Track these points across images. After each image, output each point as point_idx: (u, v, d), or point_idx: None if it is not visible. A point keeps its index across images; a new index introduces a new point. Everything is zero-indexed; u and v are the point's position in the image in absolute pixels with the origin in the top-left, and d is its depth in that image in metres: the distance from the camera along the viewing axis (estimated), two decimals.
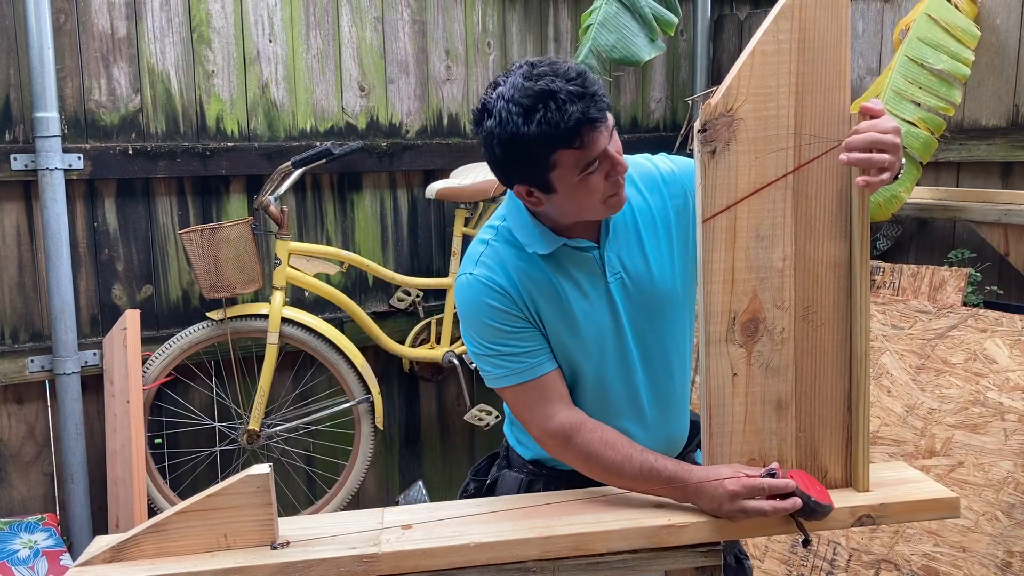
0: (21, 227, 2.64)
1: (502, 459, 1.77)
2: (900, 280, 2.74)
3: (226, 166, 2.85)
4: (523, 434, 1.68)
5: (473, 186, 2.97)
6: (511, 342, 1.50)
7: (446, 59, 3.24)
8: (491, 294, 1.49)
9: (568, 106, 1.33)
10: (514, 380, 1.50)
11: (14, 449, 2.69)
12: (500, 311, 1.49)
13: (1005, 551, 2.28)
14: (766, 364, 1.44)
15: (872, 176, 1.35)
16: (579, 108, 1.33)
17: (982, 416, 2.42)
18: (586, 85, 1.35)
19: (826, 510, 1.38)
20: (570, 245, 1.50)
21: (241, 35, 2.87)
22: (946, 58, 2.69)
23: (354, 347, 2.92)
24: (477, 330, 1.52)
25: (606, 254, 1.52)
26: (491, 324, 1.49)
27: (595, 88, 1.36)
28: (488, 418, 3.21)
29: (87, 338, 2.73)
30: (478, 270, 1.51)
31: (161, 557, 1.36)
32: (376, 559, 1.35)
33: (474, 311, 1.51)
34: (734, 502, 1.37)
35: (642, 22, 3.14)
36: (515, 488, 1.68)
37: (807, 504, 1.36)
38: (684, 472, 1.42)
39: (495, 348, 1.50)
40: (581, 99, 1.34)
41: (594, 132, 1.35)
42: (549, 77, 1.35)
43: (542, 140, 1.34)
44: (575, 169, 1.38)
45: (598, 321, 1.52)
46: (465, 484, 1.80)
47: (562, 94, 1.33)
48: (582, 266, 1.51)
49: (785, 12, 1.38)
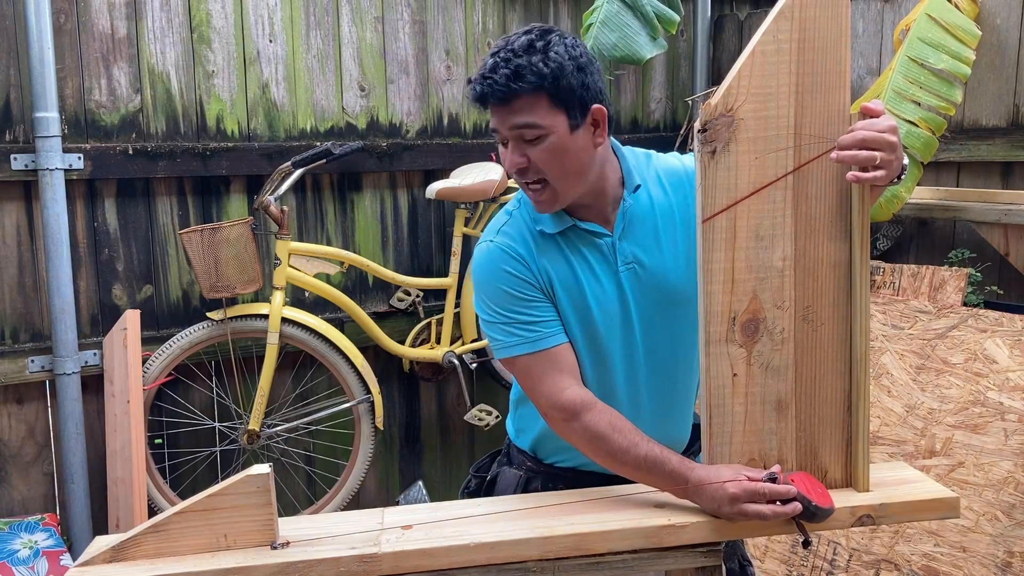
0: (21, 227, 2.64)
1: (503, 456, 1.77)
2: (900, 280, 2.74)
3: (226, 166, 2.85)
4: (524, 422, 1.69)
5: (473, 186, 2.97)
6: (525, 310, 1.50)
7: (446, 59, 3.24)
8: (509, 261, 1.51)
9: (528, 58, 1.40)
10: (526, 349, 1.50)
11: (14, 449, 2.69)
12: (516, 278, 1.50)
13: (1005, 551, 2.28)
14: (766, 364, 1.44)
15: (862, 172, 1.34)
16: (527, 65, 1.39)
17: (982, 416, 2.42)
18: (561, 64, 1.40)
19: (827, 514, 1.38)
20: (580, 227, 1.52)
21: (241, 35, 2.87)
22: (947, 58, 2.69)
23: (354, 347, 2.92)
24: (492, 296, 1.52)
25: (619, 243, 1.53)
26: (507, 290, 1.50)
27: (570, 71, 1.40)
28: (488, 418, 3.21)
29: (87, 338, 2.73)
30: (498, 238, 1.53)
31: (161, 557, 1.36)
32: (376, 559, 1.34)
33: (491, 277, 1.52)
34: (734, 505, 1.36)
35: (643, 20, 3.14)
36: (513, 484, 1.68)
37: (807, 508, 1.36)
38: (686, 470, 1.42)
39: (509, 315, 1.50)
40: (544, 65, 1.39)
41: (516, 97, 1.41)
42: (545, 39, 1.42)
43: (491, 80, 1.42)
44: (499, 124, 1.45)
45: (607, 305, 1.53)
46: (467, 481, 1.80)
47: (536, 54, 1.40)
48: (594, 250, 1.53)
49: (785, 12, 1.38)
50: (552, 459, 1.67)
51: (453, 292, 3.12)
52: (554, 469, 1.66)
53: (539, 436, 1.66)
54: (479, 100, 1.43)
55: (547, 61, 1.39)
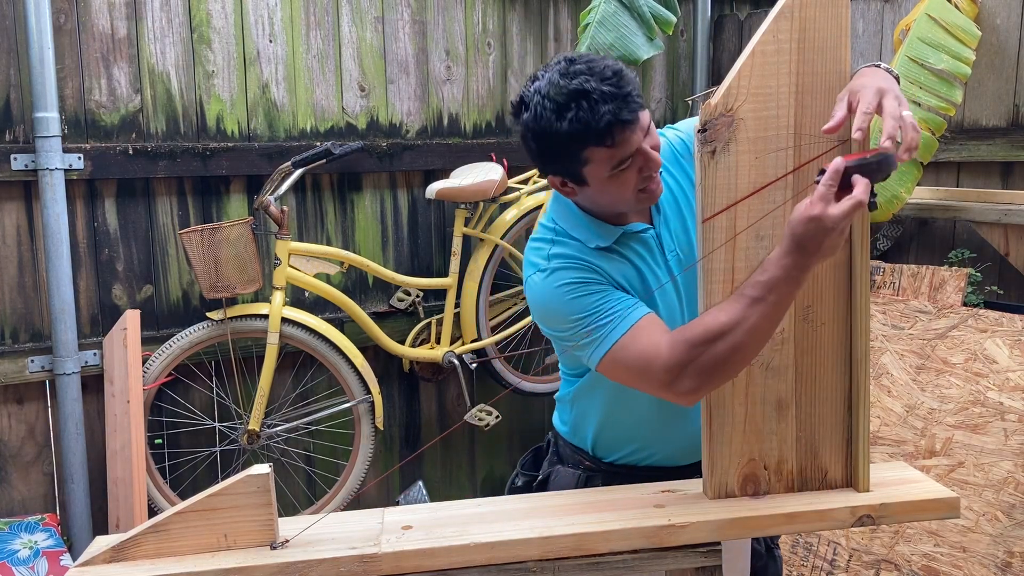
0: (21, 227, 2.64)
1: (552, 454, 1.76)
2: (900, 280, 2.74)
3: (226, 166, 2.85)
4: (580, 420, 1.67)
5: (473, 186, 2.97)
6: (599, 303, 1.44)
7: (446, 59, 3.24)
8: (566, 274, 1.47)
9: (600, 106, 1.35)
10: (621, 332, 1.41)
11: (14, 449, 2.69)
12: (579, 283, 1.46)
13: (1005, 551, 2.28)
14: (766, 364, 1.44)
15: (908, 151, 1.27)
16: (611, 108, 1.35)
17: (982, 416, 2.42)
18: (620, 85, 1.37)
19: (889, 159, 1.29)
20: (628, 231, 1.53)
21: (241, 35, 2.87)
22: (947, 58, 2.69)
23: (354, 347, 2.92)
24: (562, 316, 1.47)
25: (661, 232, 1.54)
26: (574, 297, 1.45)
27: (629, 88, 1.37)
28: (488, 418, 3.21)
29: (87, 338, 2.73)
30: (553, 261, 1.50)
31: (161, 557, 1.36)
32: (376, 559, 1.34)
33: (554, 300, 1.47)
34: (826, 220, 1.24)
35: (640, 21, 3.14)
36: (571, 484, 1.66)
37: (868, 166, 1.28)
38: (770, 262, 1.31)
39: (586, 319, 1.44)
40: (613, 99, 1.36)
41: (626, 131, 1.38)
42: (584, 76, 1.37)
43: (574, 137, 1.38)
44: (607, 165, 1.41)
45: (667, 297, 1.54)
46: (513, 477, 1.80)
47: (595, 94, 1.35)
48: (644, 247, 1.54)
49: (785, 12, 1.38)
50: (612, 457, 1.67)
51: (453, 292, 3.12)
52: (614, 467, 1.67)
53: (598, 433, 1.66)
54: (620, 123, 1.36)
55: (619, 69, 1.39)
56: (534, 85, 1.42)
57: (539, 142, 1.42)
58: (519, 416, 3.55)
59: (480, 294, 3.11)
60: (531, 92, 1.42)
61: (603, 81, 1.36)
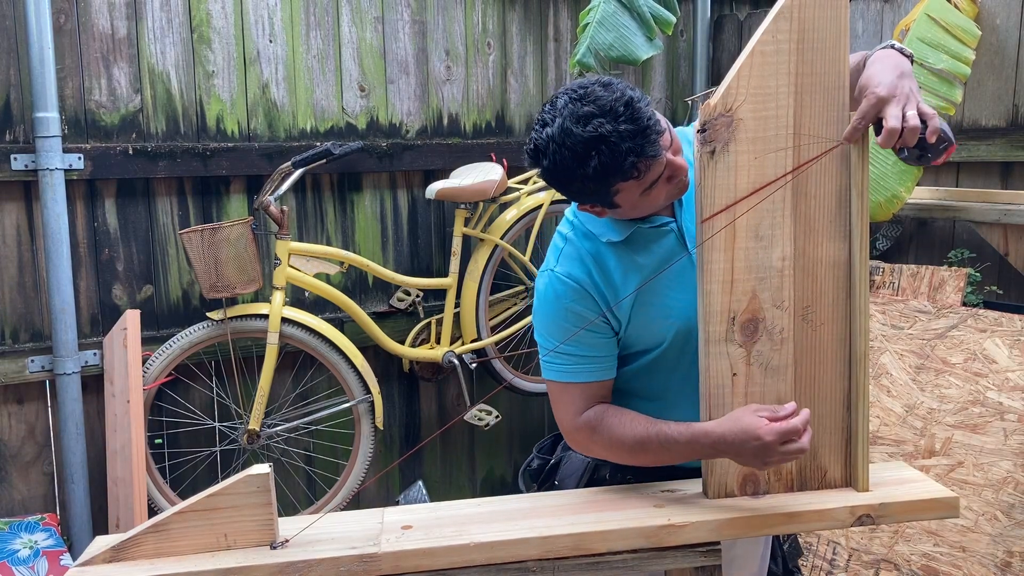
0: (21, 227, 2.64)
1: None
2: (900, 280, 2.74)
3: (226, 166, 2.85)
4: None
5: (473, 186, 2.98)
6: (574, 347, 1.52)
7: (446, 59, 3.24)
8: (570, 295, 1.51)
9: (621, 145, 1.33)
10: (568, 378, 1.54)
11: (14, 449, 2.69)
12: (575, 315, 1.51)
13: (1005, 551, 2.28)
14: (766, 364, 1.45)
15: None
16: (632, 147, 1.34)
17: (982, 416, 2.42)
18: (636, 119, 1.34)
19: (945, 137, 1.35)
20: (645, 226, 1.52)
21: (241, 35, 2.87)
22: (946, 58, 2.69)
23: (354, 347, 2.92)
24: (547, 327, 1.55)
25: (684, 225, 1.54)
26: (566, 326, 1.51)
27: (646, 121, 1.34)
28: (488, 418, 3.21)
29: (87, 338, 2.73)
30: (559, 267, 1.54)
31: (161, 557, 1.36)
32: (376, 559, 1.35)
33: (550, 310, 1.54)
34: (771, 453, 1.36)
35: (640, 21, 3.14)
36: (580, 470, 1.68)
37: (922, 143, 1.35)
38: (700, 435, 1.41)
39: (549, 342, 1.54)
40: (633, 138, 1.34)
41: (651, 162, 1.37)
42: (597, 120, 1.33)
43: (599, 179, 1.37)
44: (637, 191, 1.41)
45: (684, 295, 1.52)
46: (528, 460, 1.82)
47: (613, 137, 1.33)
48: (663, 243, 1.52)
49: (784, 12, 1.38)
50: None
51: (453, 292, 3.12)
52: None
53: None
54: (645, 159, 1.36)
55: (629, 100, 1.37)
56: (545, 131, 1.38)
57: (564, 186, 1.43)
58: (519, 416, 3.55)
59: (480, 294, 3.12)
60: (544, 140, 1.38)
61: (618, 120, 1.33)
